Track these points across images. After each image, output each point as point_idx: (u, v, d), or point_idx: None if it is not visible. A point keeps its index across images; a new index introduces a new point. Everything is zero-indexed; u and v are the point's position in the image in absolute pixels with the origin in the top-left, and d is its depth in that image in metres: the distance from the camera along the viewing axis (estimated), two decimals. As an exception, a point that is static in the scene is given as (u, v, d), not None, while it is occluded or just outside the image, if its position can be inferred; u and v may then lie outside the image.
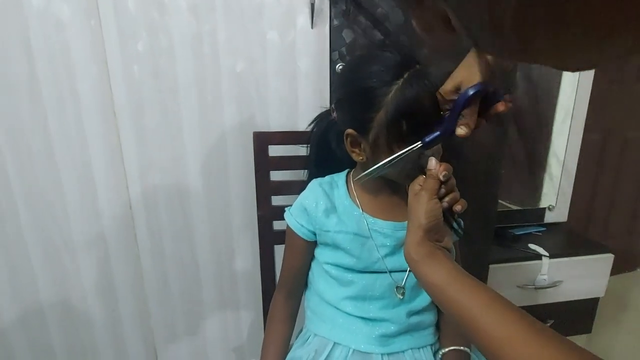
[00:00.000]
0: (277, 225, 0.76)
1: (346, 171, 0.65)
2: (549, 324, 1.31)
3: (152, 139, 0.83)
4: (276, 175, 0.75)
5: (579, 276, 1.26)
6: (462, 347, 0.59)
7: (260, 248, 0.75)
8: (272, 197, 0.75)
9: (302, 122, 0.87)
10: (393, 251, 0.58)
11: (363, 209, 0.59)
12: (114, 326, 0.94)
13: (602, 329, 1.37)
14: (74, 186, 0.83)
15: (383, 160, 0.50)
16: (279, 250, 0.75)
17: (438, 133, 0.47)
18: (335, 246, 0.59)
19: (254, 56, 0.82)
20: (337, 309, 0.59)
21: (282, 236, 0.70)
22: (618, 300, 1.55)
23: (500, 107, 0.47)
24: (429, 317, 0.61)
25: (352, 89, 0.54)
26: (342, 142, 0.60)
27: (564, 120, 1.41)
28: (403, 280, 0.57)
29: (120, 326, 0.94)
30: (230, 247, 0.94)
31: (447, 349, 0.59)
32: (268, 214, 0.74)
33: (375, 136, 0.51)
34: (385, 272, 0.57)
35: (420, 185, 0.48)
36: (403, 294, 0.57)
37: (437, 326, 0.62)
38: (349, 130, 0.55)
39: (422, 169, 0.50)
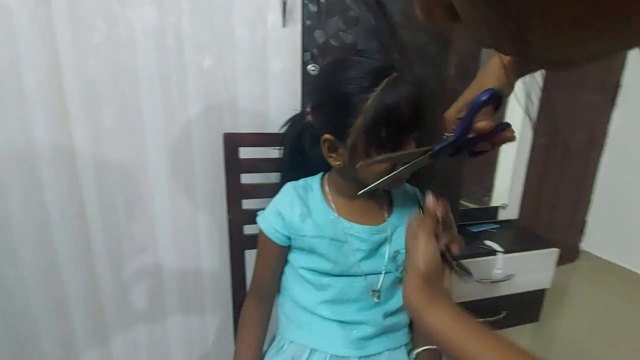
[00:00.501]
0: (248, 229, 0.73)
1: (320, 174, 0.64)
2: (501, 315, 1.40)
3: (109, 138, 0.77)
4: (247, 178, 0.73)
5: (528, 269, 1.37)
6: (435, 346, 0.61)
7: (230, 253, 0.72)
8: (243, 200, 0.72)
9: (273, 124, 0.85)
10: (368, 255, 0.58)
11: (339, 213, 0.59)
12: (65, 340, 0.86)
13: (548, 317, 1.50)
14: (18, 189, 0.74)
15: (360, 164, 0.51)
16: (249, 255, 0.73)
17: (452, 139, 0.46)
18: (311, 251, 0.58)
19: (222, 53, 0.79)
20: (313, 313, 0.59)
21: (253, 241, 0.68)
22: (561, 290, 1.70)
23: (509, 133, 0.48)
24: (404, 318, 0.62)
25: (329, 95, 0.54)
26: (317, 145, 0.60)
27: (515, 123, 1.51)
28: (378, 283, 0.58)
29: (73, 339, 0.87)
30: (197, 252, 0.90)
31: (420, 349, 0.61)
32: (239, 218, 0.72)
33: (354, 142, 0.51)
34: (361, 275, 0.58)
35: (417, 226, 0.46)
36: (379, 297, 0.58)
37: (410, 326, 0.64)
38: (327, 136, 0.54)
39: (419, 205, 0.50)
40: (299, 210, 0.58)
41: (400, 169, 0.49)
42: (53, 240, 0.78)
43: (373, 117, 0.49)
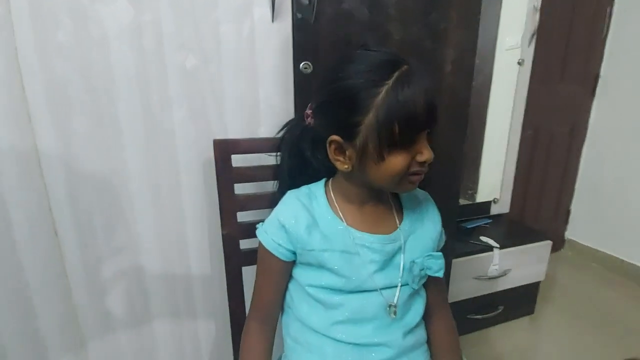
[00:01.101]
0: (244, 244, 0.67)
1: (323, 181, 0.58)
2: (499, 311, 1.40)
3: (82, 148, 0.68)
4: (241, 188, 0.67)
5: (523, 263, 1.37)
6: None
7: (226, 271, 0.66)
8: (238, 213, 0.66)
9: (266, 128, 0.79)
10: (382, 267, 0.53)
11: (347, 222, 0.53)
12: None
13: (542, 308, 1.51)
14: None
15: (373, 167, 0.47)
16: (247, 273, 0.67)
17: None
18: (320, 266, 0.53)
19: (206, 52, 0.72)
20: (325, 336, 0.53)
21: (250, 256, 0.62)
22: (550, 280, 1.72)
23: None
24: (422, 334, 0.58)
25: (334, 91, 0.49)
26: (319, 149, 0.54)
27: (500, 119, 1.50)
28: (394, 297, 0.53)
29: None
30: (187, 272, 0.83)
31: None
32: (234, 232, 0.65)
33: (364, 142, 0.47)
34: (376, 290, 0.53)
35: None
36: (395, 312, 0.53)
37: (428, 342, 0.60)
38: (333, 137, 0.49)
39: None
40: (304, 221, 0.52)
41: (417, 169, 0.48)
42: (22, 264, 0.70)
43: (386, 113, 0.44)
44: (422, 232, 0.56)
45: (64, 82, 0.64)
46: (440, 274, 0.53)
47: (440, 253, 0.55)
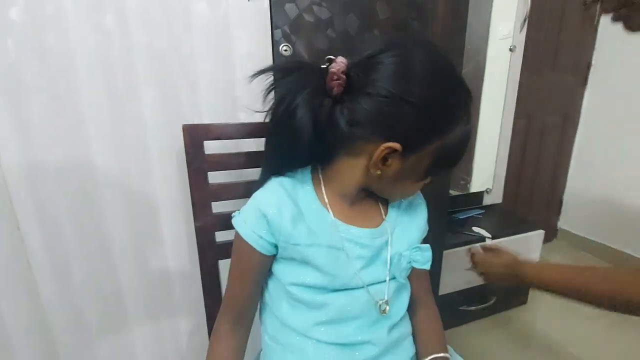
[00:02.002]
0: (220, 236, 0.63)
1: (309, 167, 0.52)
2: (491, 302, 1.38)
3: (42, 136, 0.63)
4: (215, 177, 0.62)
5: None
6: (441, 354, 0.54)
7: (201, 266, 0.62)
8: (213, 203, 0.62)
9: (243, 111, 0.74)
10: (369, 262, 0.49)
11: (334, 214, 0.49)
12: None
13: (535, 298, 1.49)
14: None
15: (403, 181, 0.48)
16: (225, 266, 0.63)
17: None
18: (304, 262, 0.48)
19: (175, 31, 0.67)
20: (306, 336, 0.49)
21: (227, 249, 0.58)
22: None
23: None
24: (406, 327, 0.54)
25: (432, 99, 0.42)
26: (331, 130, 0.44)
27: (491, 107, 1.47)
28: (384, 293, 0.49)
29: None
30: (164, 268, 0.78)
31: (428, 358, 0.53)
32: (208, 224, 0.61)
33: (418, 160, 0.45)
34: (362, 287, 0.49)
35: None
36: (385, 310, 0.49)
37: (413, 334, 0.56)
38: (394, 145, 0.42)
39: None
40: (289, 212, 0.46)
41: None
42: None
43: (455, 143, 0.45)
44: (408, 223, 0.53)
45: (18, 65, 0.59)
46: (427, 266, 0.50)
47: (427, 245, 0.51)
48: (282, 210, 0.47)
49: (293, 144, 0.45)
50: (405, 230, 0.52)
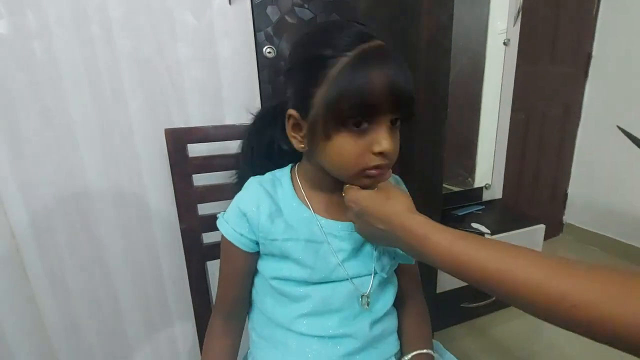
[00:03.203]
0: (208, 237, 0.64)
1: (289, 166, 0.54)
2: (492, 299, 1.36)
3: (33, 147, 0.65)
4: (200, 179, 0.63)
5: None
6: (425, 350, 0.54)
7: (188, 267, 0.63)
8: (198, 205, 0.62)
9: (230, 114, 0.75)
10: (351, 255, 0.49)
11: (313, 209, 0.49)
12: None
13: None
14: None
15: (321, 147, 0.43)
16: (212, 267, 0.64)
17: None
18: (284, 257, 0.49)
19: (160, 39, 0.68)
20: (289, 330, 0.50)
21: (214, 251, 0.59)
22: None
23: None
24: (391, 324, 0.54)
25: (297, 58, 0.45)
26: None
27: (492, 102, 1.46)
28: (368, 286, 0.50)
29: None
30: (157, 268, 0.80)
31: (410, 355, 0.53)
32: (194, 226, 0.62)
33: (315, 116, 0.42)
34: (345, 279, 0.49)
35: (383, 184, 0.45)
36: (368, 303, 0.49)
37: (398, 331, 0.56)
38: (291, 111, 0.45)
39: None
40: (266, 209, 0.48)
41: (375, 163, 0.42)
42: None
43: (336, 87, 0.40)
44: None
45: (5, 78, 0.61)
46: (412, 261, 0.50)
47: None
48: (260, 208, 0.48)
49: (265, 145, 0.51)
50: None
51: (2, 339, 0.71)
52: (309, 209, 0.49)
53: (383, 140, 0.41)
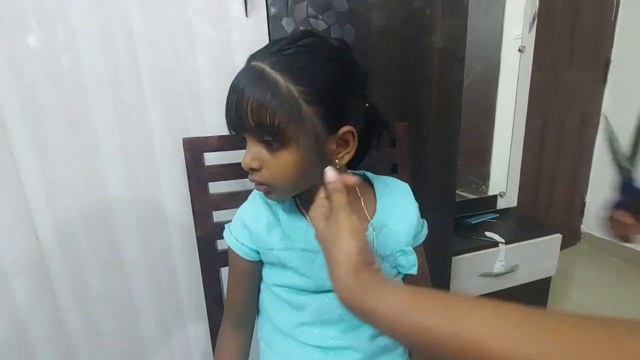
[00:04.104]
0: (222, 244, 0.65)
1: None
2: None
3: (58, 153, 0.68)
4: (216, 187, 0.65)
5: (532, 259, 1.30)
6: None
7: (202, 273, 0.64)
8: (214, 212, 0.64)
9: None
10: None
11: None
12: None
13: (555, 305, 1.44)
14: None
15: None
16: (226, 272, 0.65)
17: None
18: (282, 265, 0.50)
19: (179, 50, 0.71)
20: (292, 338, 0.51)
21: (227, 257, 0.60)
22: (565, 276, 1.64)
23: None
24: (396, 337, 0.54)
25: None
26: None
27: (506, 109, 1.45)
28: None
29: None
30: (172, 273, 0.82)
31: (420, 369, 0.53)
32: (209, 233, 0.64)
33: None
34: None
35: (325, 207, 0.40)
36: None
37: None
38: None
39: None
40: (265, 219, 0.50)
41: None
42: (5, 268, 0.70)
43: None
44: (394, 227, 0.52)
45: (34, 87, 0.64)
46: (414, 271, 0.50)
47: (411, 248, 0.51)
48: (259, 219, 0.51)
49: None
50: (391, 233, 0.52)
51: (25, 337, 0.74)
52: (306, 219, 0.50)
53: (245, 155, 0.44)
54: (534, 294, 1.38)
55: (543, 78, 1.56)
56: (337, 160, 0.45)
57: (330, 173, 0.40)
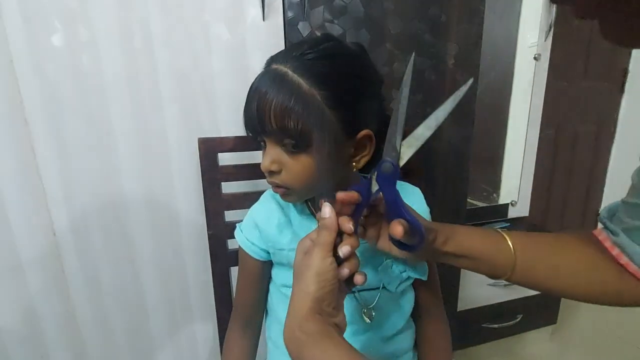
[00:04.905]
0: (233, 244, 0.66)
1: None
2: (517, 320, 1.32)
3: (76, 149, 0.69)
4: (229, 187, 0.66)
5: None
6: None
7: (213, 272, 0.65)
8: (225, 212, 0.65)
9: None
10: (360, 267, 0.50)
11: None
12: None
13: (566, 318, 1.41)
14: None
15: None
16: (236, 272, 0.66)
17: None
18: (292, 266, 0.50)
19: (197, 52, 0.72)
20: None
21: (237, 257, 0.61)
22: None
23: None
24: (406, 341, 0.54)
25: None
26: None
27: (519, 117, 1.44)
28: (373, 300, 0.50)
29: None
30: (182, 271, 0.82)
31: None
32: (221, 232, 0.64)
33: None
34: (351, 292, 0.50)
35: (312, 240, 0.37)
36: (371, 317, 0.49)
37: (414, 347, 0.56)
38: None
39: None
40: (276, 220, 0.51)
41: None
42: (22, 267, 0.71)
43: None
44: None
45: (57, 86, 0.65)
46: (424, 277, 0.49)
47: None
48: (270, 219, 0.51)
49: None
50: None
51: (37, 330, 0.75)
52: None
53: (264, 158, 0.44)
54: (544, 305, 1.35)
55: (558, 87, 1.54)
56: (354, 164, 0.45)
57: (326, 209, 0.37)
